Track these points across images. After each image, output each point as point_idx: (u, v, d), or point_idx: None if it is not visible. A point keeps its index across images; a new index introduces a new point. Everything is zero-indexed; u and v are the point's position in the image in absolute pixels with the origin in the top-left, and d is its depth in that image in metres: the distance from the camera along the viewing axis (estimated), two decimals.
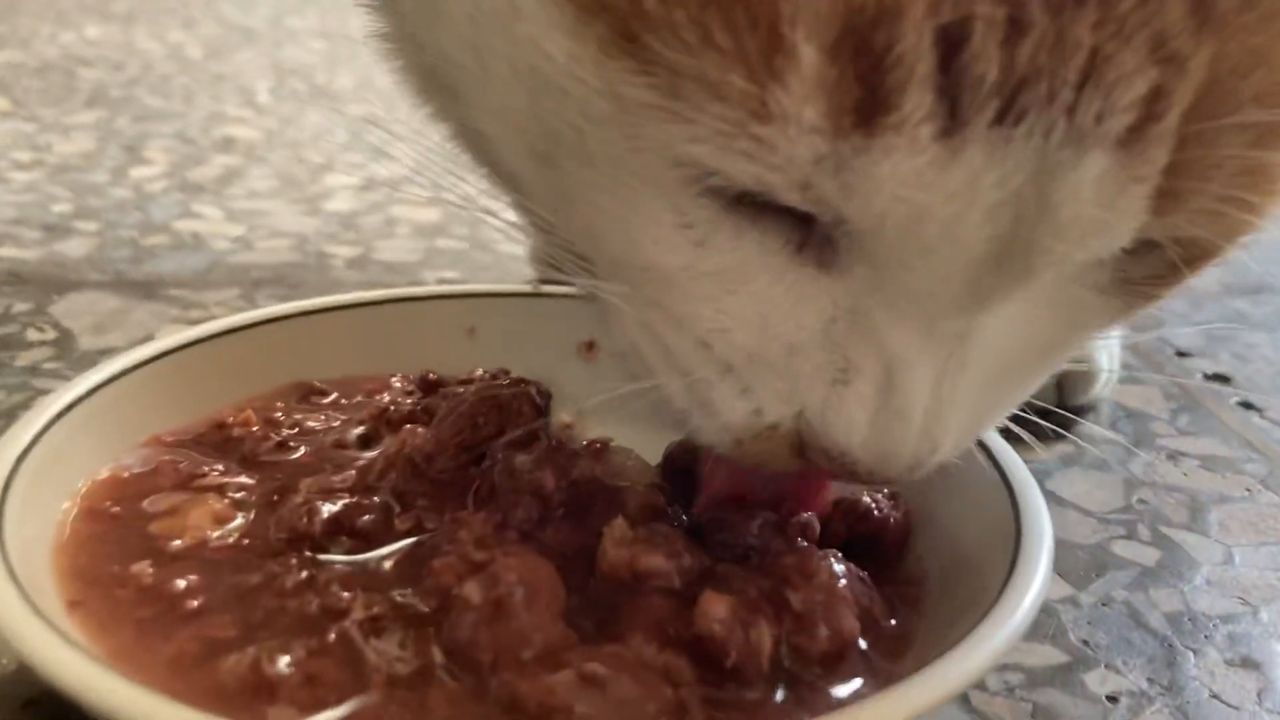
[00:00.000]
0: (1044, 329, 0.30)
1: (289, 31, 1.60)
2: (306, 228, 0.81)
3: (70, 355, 0.59)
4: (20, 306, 0.64)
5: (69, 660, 0.26)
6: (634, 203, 0.27)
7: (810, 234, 0.27)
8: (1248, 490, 0.52)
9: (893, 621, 0.33)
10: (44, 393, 0.53)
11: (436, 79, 0.34)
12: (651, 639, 0.30)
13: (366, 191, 0.90)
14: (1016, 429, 0.35)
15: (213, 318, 0.62)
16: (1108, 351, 0.57)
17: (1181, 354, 0.68)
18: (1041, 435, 0.42)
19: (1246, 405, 0.61)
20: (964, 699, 0.37)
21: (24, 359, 0.58)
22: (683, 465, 0.38)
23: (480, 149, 0.36)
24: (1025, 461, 0.38)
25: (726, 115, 0.24)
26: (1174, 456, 0.55)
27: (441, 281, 0.73)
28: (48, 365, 0.57)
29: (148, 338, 0.61)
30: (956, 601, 0.33)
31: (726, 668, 0.29)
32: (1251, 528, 0.49)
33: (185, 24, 1.61)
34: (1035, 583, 0.31)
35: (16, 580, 0.29)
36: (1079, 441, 0.54)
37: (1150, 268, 0.29)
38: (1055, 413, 0.44)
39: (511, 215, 0.40)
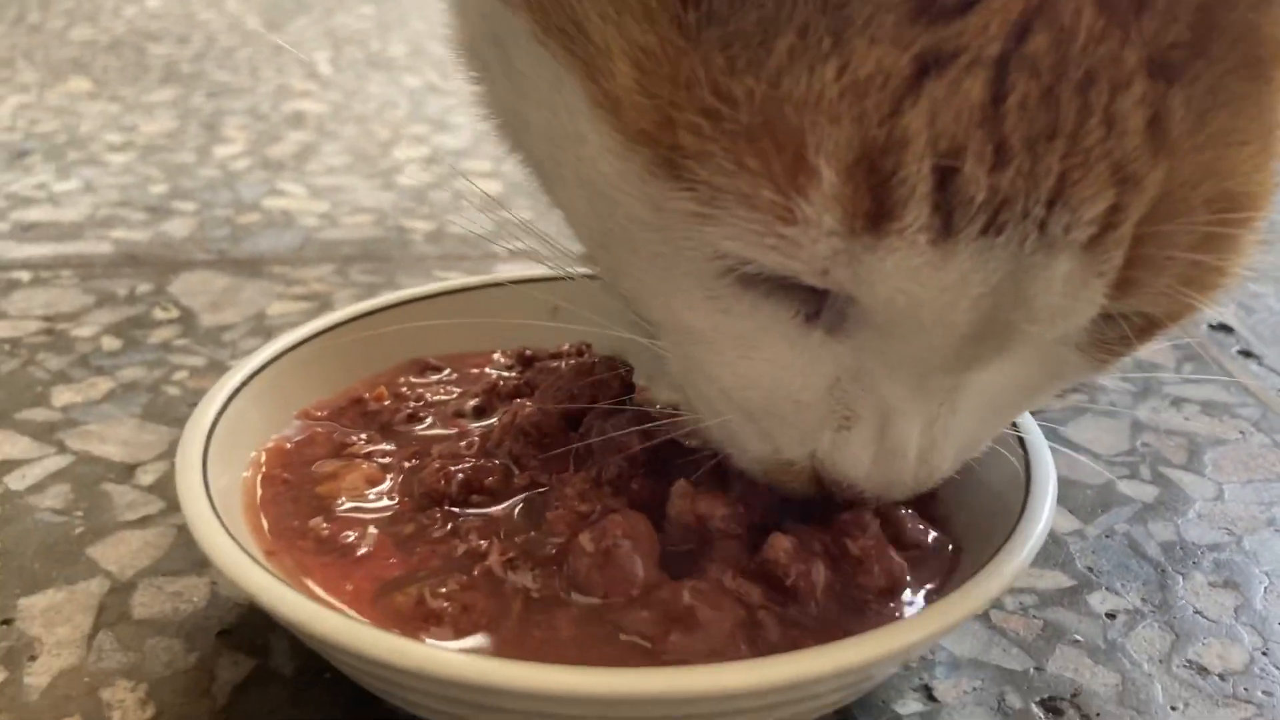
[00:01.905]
0: (1028, 378, 0.36)
1: None
2: (384, 202, 0.88)
3: (195, 332, 0.66)
4: (143, 287, 0.72)
5: (288, 596, 0.34)
6: (671, 281, 0.33)
7: (820, 306, 0.33)
8: (1241, 433, 0.59)
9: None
10: (179, 369, 0.62)
11: (524, 152, 0.40)
12: (725, 570, 0.37)
13: (433, 164, 0.97)
14: None
15: (315, 294, 0.70)
16: None
17: None
18: None
19: (1246, 353, 0.68)
20: (985, 617, 0.45)
21: (155, 337, 0.66)
22: None
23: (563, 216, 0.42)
24: (1042, 410, 0.45)
25: (758, 219, 0.29)
26: (1177, 403, 0.62)
27: (512, 252, 0.80)
28: (177, 342, 0.65)
29: (259, 314, 0.69)
30: (984, 534, 0.40)
31: (787, 587, 0.37)
32: (1242, 466, 0.56)
33: None
34: (1043, 517, 0.39)
35: (231, 534, 0.37)
36: (1091, 393, 0.61)
37: (1119, 332, 0.34)
38: None
39: None
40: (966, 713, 0.40)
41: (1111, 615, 0.45)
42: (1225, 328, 0.71)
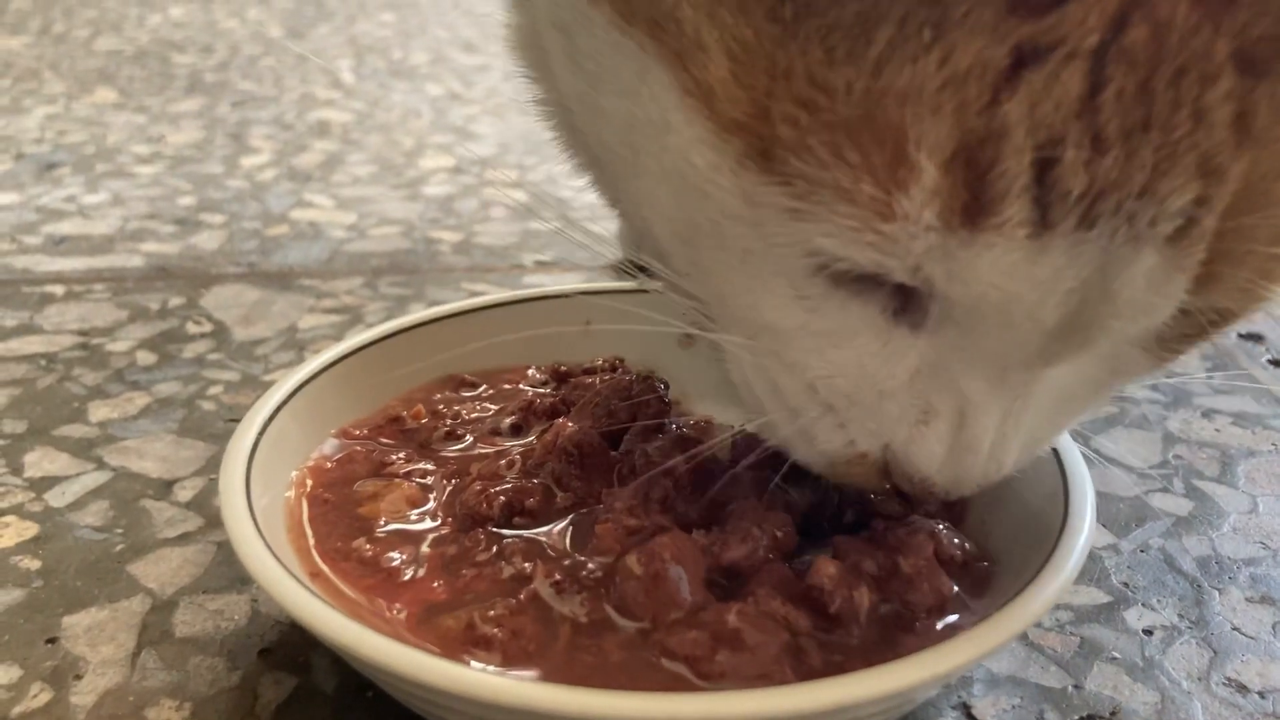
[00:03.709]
0: (1095, 376, 0.36)
1: (359, 4, 1.67)
2: (411, 213, 0.89)
3: (228, 347, 0.67)
4: (175, 301, 0.73)
5: (337, 621, 0.34)
6: (760, 280, 0.33)
7: (905, 303, 0.33)
8: (1273, 445, 0.59)
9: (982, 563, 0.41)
10: (214, 384, 0.62)
11: (590, 152, 0.40)
12: (773, 595, 0.38)
13: (458, 174, 0.98)
14: None
15: (345, 306, 0.70)
16: None
17: None
18: None
19: (1276, 363, 0.68)
20: (1023, 634, 0.45)
21: (189, 351, 0.66)
22: None
23: (628, 215, 0.41)
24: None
25: (856, 215, 0.29)
26: (1208, 414, 0.62)
27: (537, 263, 0.81)
28: (211, 357, 0.65)
29: (291, 327, 0.69)
30: (1021, 550, 0.40)
31: (831, 614, 0.37)
32: (1276, 479, 0.56)
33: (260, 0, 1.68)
34: (1083, 534, 0.39)
35: (277, 557, 0.37)
36: (1121, 403, 0.61)
37: (1184, 329, 0.34)
38: None
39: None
40: None
41: (1149, 632, 0.45)
42: (1256, 336, 0.71)
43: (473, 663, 0.36)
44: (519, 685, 0.32)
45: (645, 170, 0.34)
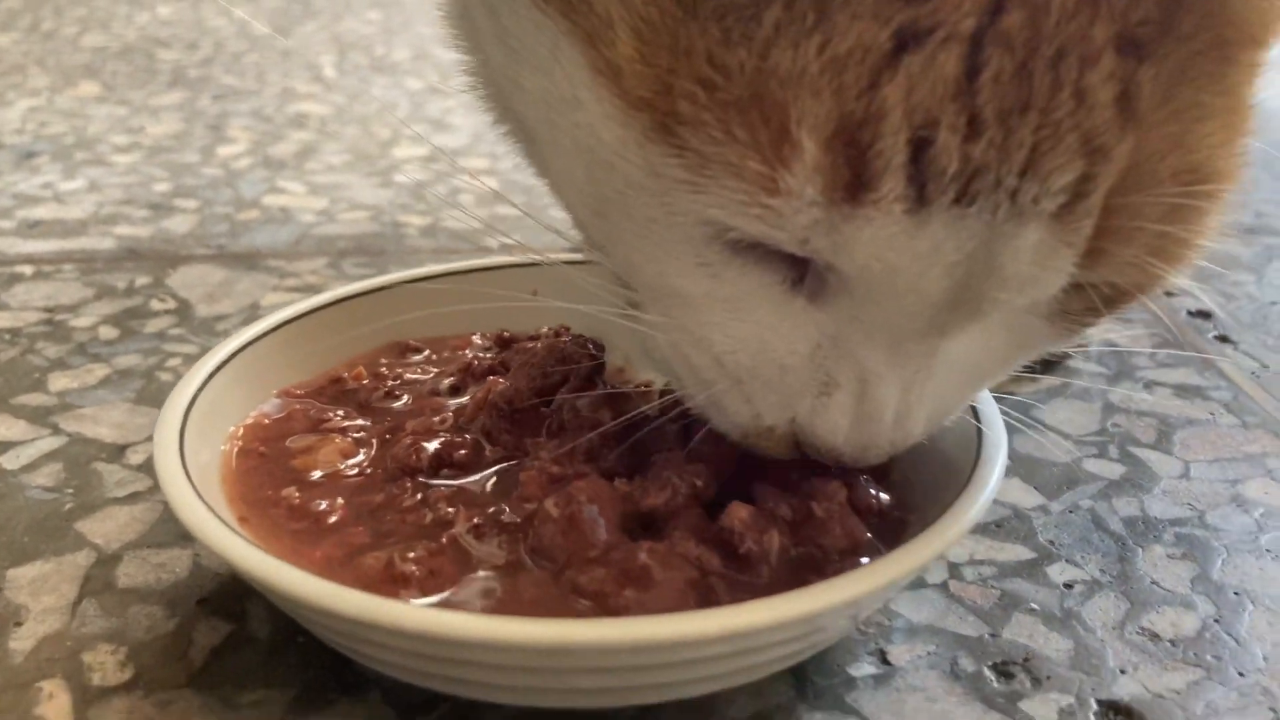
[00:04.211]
0: (999, 345, 0.37)
1: (345, 2, 1.69)
2: (381, 199, 0.90)
3: (191, 322, 0.68)
4: (141, 280, 0.74)
5: (258, 557, 0.35)
6: (664, 247, 0.34)
7: (804, 273, 0.34)
8: (1211, 414, 0.60)
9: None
10: (173, 356, 0.63)
11: (516, 123, 0.41)
12: (688, 538, 0.39)
13: (431, 163, 0.99)
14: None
15: (308, 285, 0.72)
16: None
17: (1169, 294, 0.75)
18: (1032, 371, 0.52)
19: (1223, 338, 0.69)
20: (944, 587, 0.46)
21: (152, 326, 0.67)
22: None
23: (551, 187, 0.42)
24: (1018, 394, 0.46)
25: (744, 189, 0.31)
26: (1150, 386, 0.63)
27: (504, 245, 0.82)
28: (172, 331, 0.67)
29: (254, 305, 0.70)
30: (933, 499, 0.41)
31: (741, 555, 0.38)
32: (1210, 446, 0.57)
33: None
34: (990, 480, 0.40)
35: (205, 501, 0.38)
36: (1066, 377, 0.62)
37: (1086, 303, 0.35)
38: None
39: None
40: (919, 676, 0.41)
41: (1070, 585, 0.46)
42: (1204, 314, 0.72)
43: None
44: (421, 612, 0.33)
45: (560, 144, 0.36)
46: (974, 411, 0.44)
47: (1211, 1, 0.31)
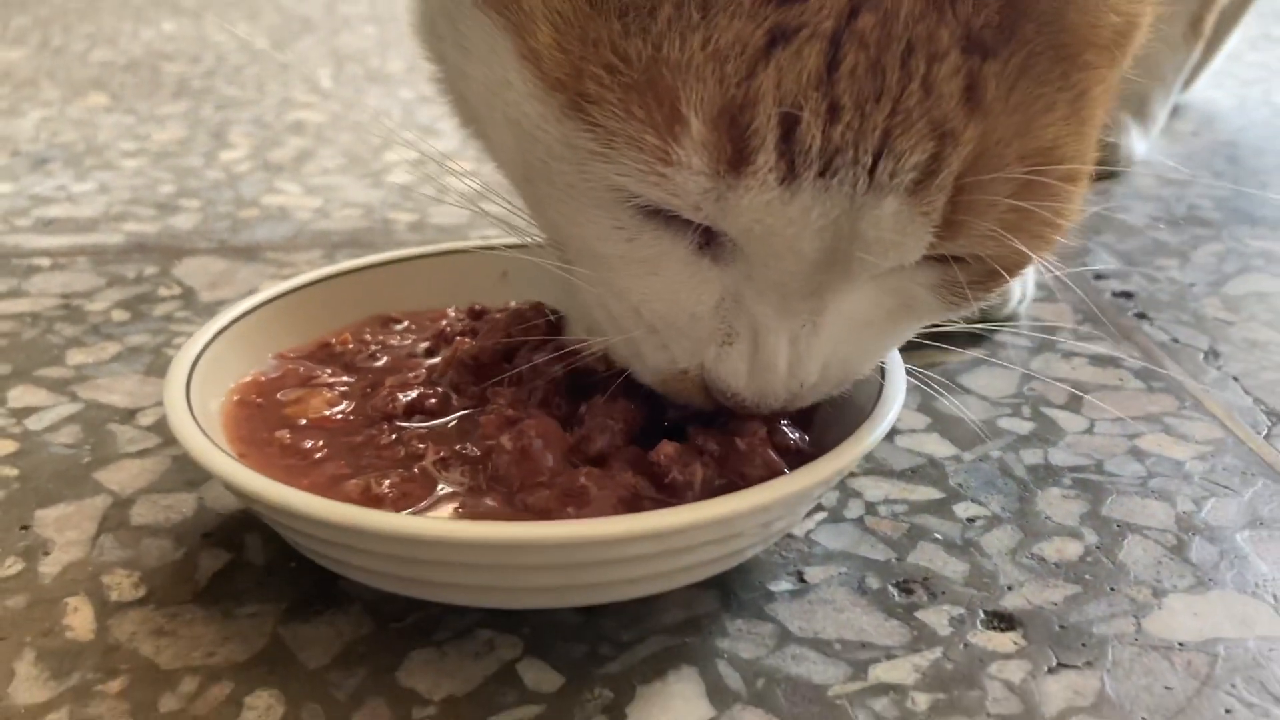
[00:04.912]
0: (886, 309, 0.43)
1: (343, 18, 1.76)
2: (373, 198, 0.96)
3: (195, 306, 0.74)
4: (149, 270, 0.80)
5: (257, 478, 0.41)
6: (583, 212, 0.40)
7: (707, 237, 0.40)
8: (1120, 380, 0.66)
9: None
10: (179, 335, 0.70)
11: (471, 114, 0.48)
12: (626, 468, 0.45)
13: (420, 165, 1.05)
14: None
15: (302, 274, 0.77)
16: (1021, 281, 0.71)
17: (1099, 277, 0.81)
18: (958, 342, 0.58)
19: (1141, 315, 0.75)
20: (859, 521, 0.52)
21: (159, 310, 0.74)
22: None
23: (495, 164, 0.49)
24: (942, 364, 0.52)
25: (643, 159, 0.36)
26: (1068, 356, 0.69)
27: (483, 238, 0.88)
28: (178, 314, 0.73)
29: (252, 291, 0.77)
30: (843, 437, 0.47)
31: (666, 483, 0.44)
32: (1116, 407, 0.63)
33: (249, 15, 1.77)
34: (887, 416, 0.46)
35: (211, 440, 0.44)
36: (992, 350, 0.68)
37: (970, 276, 0.41)
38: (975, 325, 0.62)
39: None
40: (830, 591, 0.47)
41: (972, 520, 0.52)
42: (1127, 294, 0.78)
43: None
44: (394, 517, 0.39)
45: (495, 121, 0.42)
46: (881, 370, 0.50)
47: (1049, 11, 0.37)
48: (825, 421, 0.50)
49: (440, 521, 0.39)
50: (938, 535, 0.51)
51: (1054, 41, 0.38)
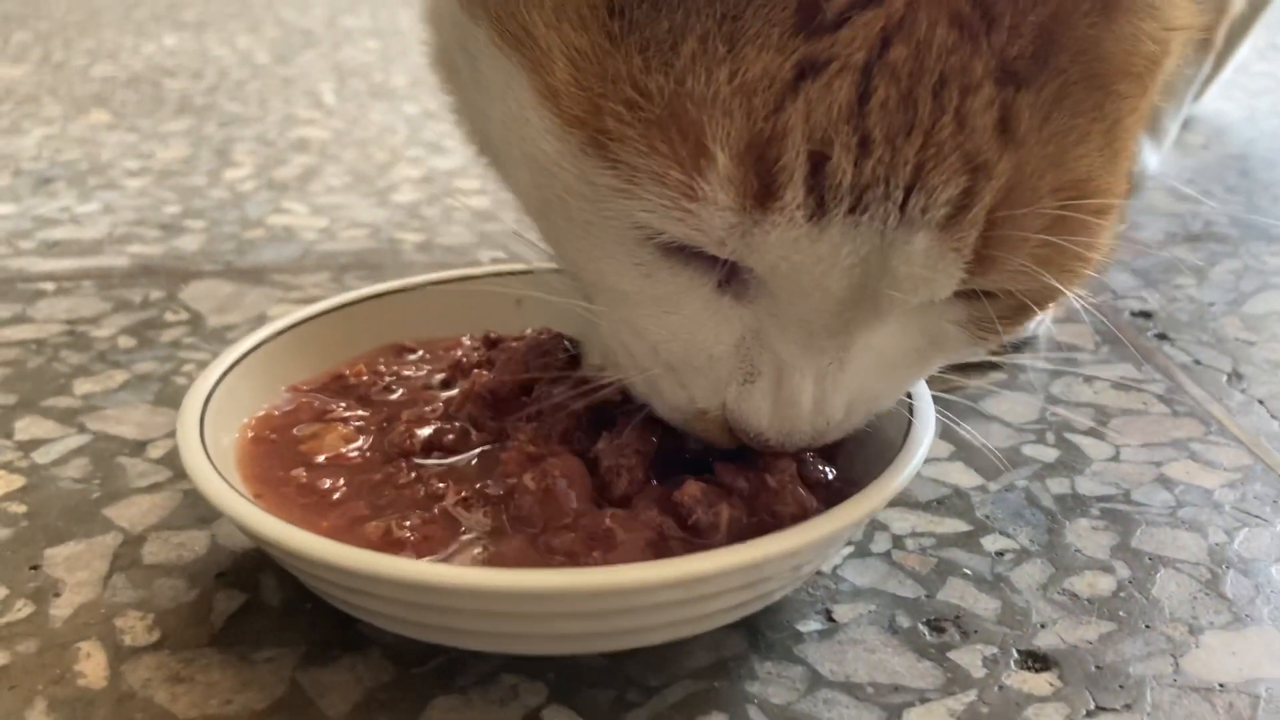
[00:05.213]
0: (913, 344, 0.42)
1: (345, 32, 1.75)
2: (379, 218, 0.95)
3: (202, 332, 0.73)
4: (155, 294, 0.79)
5: (274, 523, 0.40)
6: (602, 247, 0.39)
7: (729, 274, 0.39)
8: (1144, 404, 0.65)
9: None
10: (187, 362, 0.69)
11: (487, 146, 0.46)
12: (650, 506, 0.44)
13: (426, 183, 1.04)
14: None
15: (312, 298, 0.77)
16: None
17: (1117, 296, 0.80)
18: (978, 368, 0.58)
19: (1161, 336, 0.74)
20: (886, 555, 0.51)
21: (166, 336, 0.72)
22: None
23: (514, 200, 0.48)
24: (963, 388, 0.51)
25: (667, 195, 0.35)
26: (1090, 379, 0.68)
27: (494, 260, 0.87)
28: (186, 340, 0.72)
29: (261, 316, 0.76)
30: (871, 472, 0.46)
31: (689, 524, 0.43)
32: (1141, 433, 0.62)
33: (250, 28, 1.76)
34: (918, 452, 0.45)
35: (226, 480, 0.43)
36: (1012, 373, 0.67)
37: (999, 310, 0.40)
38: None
39: None
40: (860, 630, 0.46)
41: (1001, 554, 0.51)
42: (1146, 314, 0.77)
43: None
44: (416, 564, 0.38)
45: (513, 158, 0.41)
46: (909, 399, 0.49)
47: (1084, 40, 0.36)
48: (850, 451, 0.49)
49: (466, 570, 0.38)
50: (967, 570, 0.50)
51: (1088, 71, 0.37)
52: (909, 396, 0.48)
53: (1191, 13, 0.41)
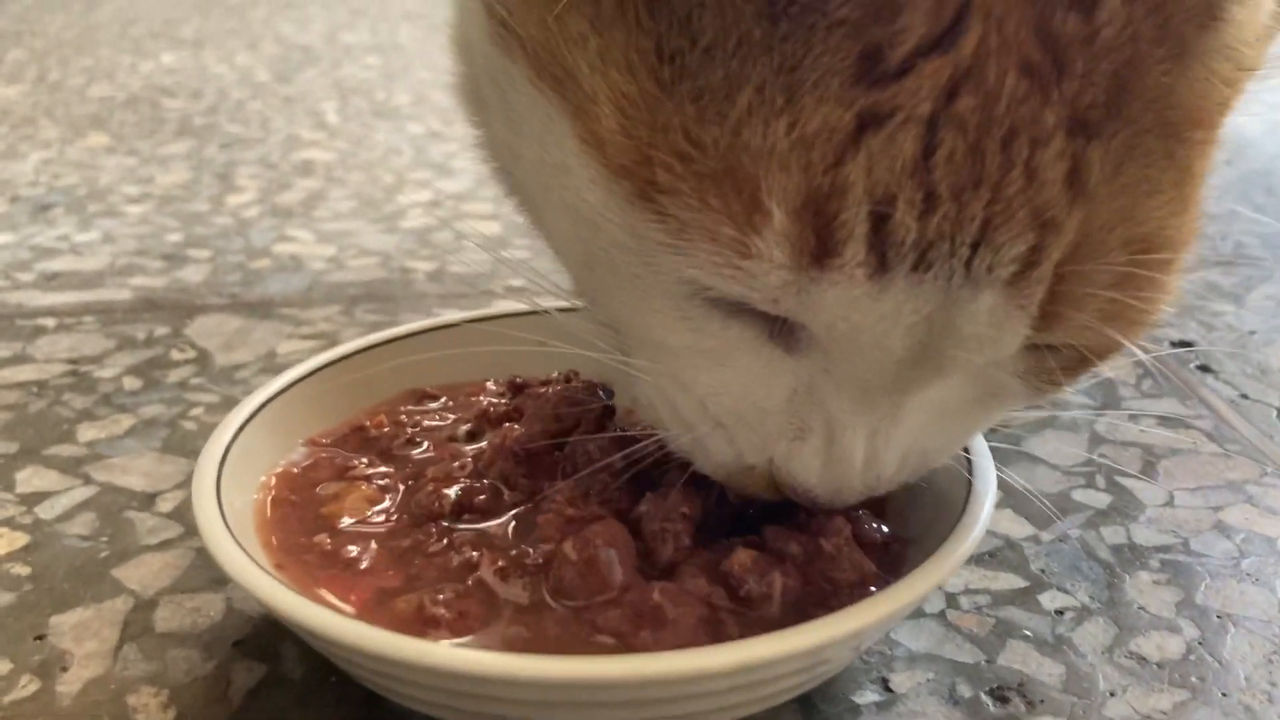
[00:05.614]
0: (969, 398, 0.39)
1: (345, 48, 1.72)
2: (388, 245, 0.93)
3: (210, 371, 0.70)
4: (160, 330, 0.76)
5: (300, 603, 0.38)
6: (647, 301, 0.37)
7: (779, 327, 0.37)
8: (1194, 443, 0.63)
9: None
10: (196, 405, 0.66)
11: (518, 189, 0.44)
12: (698, 575, 0.41)
13: (435, 208, 1.02)
14: None
15: (322, 333, 0.74)
16: None
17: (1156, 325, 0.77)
18: None
19: (1204, 368, 0.72)
20: (941, 616, 0.48)
21: (173, 376, 0.70)
22: None
23: (549, 247, 0.45)
24: (1005, 424, 0.48)
25: (719, 252, 0.33)
26: (1135, 417, 0.65)
27: (508, 289, 0.84)
28: (194, 381, 0.69)
29: (270, 353, 0.73)
30: (932, 532, 0.43)
31: (741, 596, 0.40)
32: (1193, 474, 0.60)
33: (249, 45, 1.73)
34: (981, 515, 0.42)
35: (244, 549, 0.40)
36: (1054, 409, 0.65)
37: (1060, 362, 0.38)
38: None
39: None
40: (920, 702, 0.44)
41: (1060, 612, 0.49)
42: (1186, 344, 0.75)
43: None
44: (458, 652, 0.36)
45: (552, 206, 0.38)
46: (966, 454, 0.46)
47: (1157, 87, 0.34)
48: (902, 506, 0.47)
49: (509, 659, 0.35)
50: (1027, 631, 0.47)
51: (1161, 119, 0.34)
52: (966, 451, 0.46)
53: (1262, 52, 0.38)
